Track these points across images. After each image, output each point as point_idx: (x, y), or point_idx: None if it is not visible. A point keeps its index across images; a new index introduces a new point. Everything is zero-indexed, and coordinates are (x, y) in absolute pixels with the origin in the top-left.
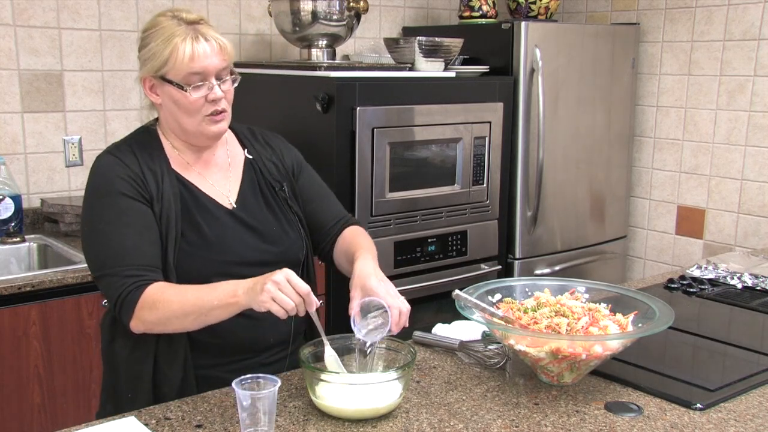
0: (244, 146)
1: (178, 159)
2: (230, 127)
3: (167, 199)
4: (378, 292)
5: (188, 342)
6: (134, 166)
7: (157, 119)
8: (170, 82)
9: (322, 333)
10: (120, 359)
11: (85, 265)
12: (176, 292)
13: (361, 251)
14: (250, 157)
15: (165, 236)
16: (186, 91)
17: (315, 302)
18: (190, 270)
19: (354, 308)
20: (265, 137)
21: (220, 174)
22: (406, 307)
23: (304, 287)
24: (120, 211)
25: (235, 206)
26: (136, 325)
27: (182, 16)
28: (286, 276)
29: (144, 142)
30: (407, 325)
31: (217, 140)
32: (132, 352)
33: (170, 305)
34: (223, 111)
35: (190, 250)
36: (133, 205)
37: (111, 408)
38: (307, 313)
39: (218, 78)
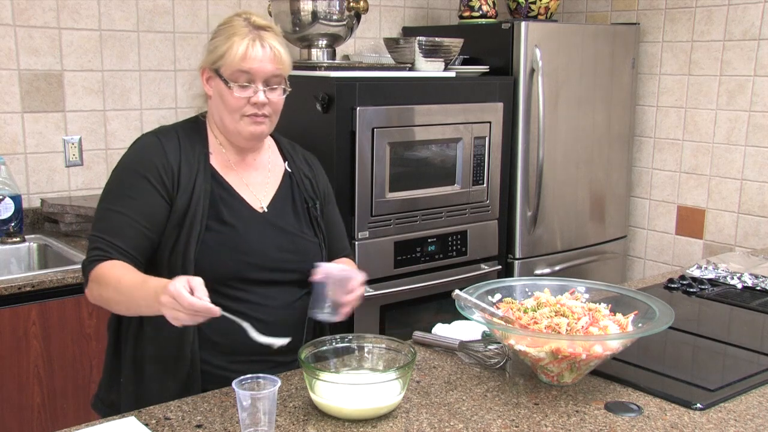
0: (284, 158)
1: (221, 155)
2: (273, 138)
3: (197, 195)
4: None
5: (198, 339)
6: (173, 154)
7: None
8: (220, 76)
9: (239, 321)
10: (126, 354)
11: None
12: (118, 274)
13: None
14: (290, 170)
15: (189, 230)
16: (231, 87)
17: (214, 311)
18: (208, 267)
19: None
20: (305, 155)
21: (258, 178)
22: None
23: (198, 303)
24: (130, 193)
25: (266, 210)
26: (89, 295)
27: (252, 19)
28: (181, 286)
29: (191, 131)
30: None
31: (255, 142)
32: (136, 346)
33: (108, 285)
34: (264, 116)
35: (214, 247)
36: (147, 192)
37: (109, 398)
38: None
39: (267, 84)
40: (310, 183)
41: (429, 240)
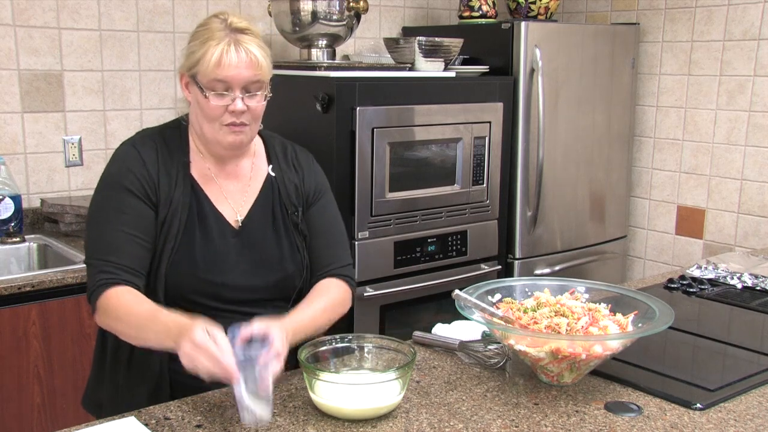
0: (270, 162)
1: (200, 163)
2: (264, 140)
3: (174, 208)
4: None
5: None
6: (151, 164)
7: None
8: (197, 83)
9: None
10: (108, 355)
11: (85, 265)
12: (127, 307)
13: (305, 302)
14: (273, 174)
15: (162, 245)
16: (207, 96)
17: (235, 377)
18: (178, 284)
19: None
20: (296, 156)
21: (238, 186)
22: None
23: (224, 363)
24: (120, 208)
25: (241, 225)
26: (98, 321)
27: (229, 21)
28: (204, 338)
29: (171, 139)
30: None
31: (234, 151)
32: (115, 351)
33: (117, 318)
34: (242, 124)
35: (186, 265)
36: (135, 205)
37: (96, 397)
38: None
39: (247, 91)
40: (294, 187)
41: (429, 240)
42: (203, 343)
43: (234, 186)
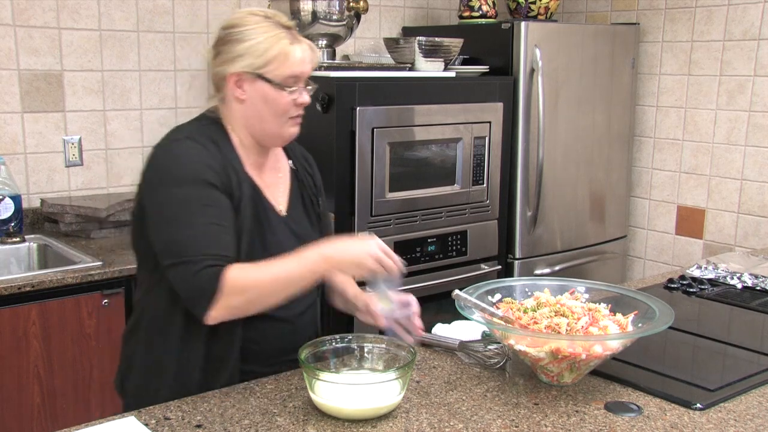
0: (288, 156)
1: (247, 158)
2: None
3: (245, 202)
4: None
5: (239, 351)
6: (217, 158)
7: (212, 111)
8: (268, 81)
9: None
10: (165, 365)
11: (84, 265)
12: (262, 271)
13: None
14: (294, 168)
15: (239, 238)
16: (285, 91)
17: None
18: None
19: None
20: (302, 151)
21: (274, 178)
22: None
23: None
24: (206, 202)
25: (285, 214)
26: (218, 314)
27: (280, 20)
28: (379, 245)
29: (219, 135)
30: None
31: (287, 143)
32: (179, 359)
33: (261, 285)
34: (300, 116)
35: (247, 250)
36: (218, 196)
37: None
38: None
39: (305, 84)
40: (311, 179)
41: (429, 240)
42: (383, 245)
43: (271, 178)
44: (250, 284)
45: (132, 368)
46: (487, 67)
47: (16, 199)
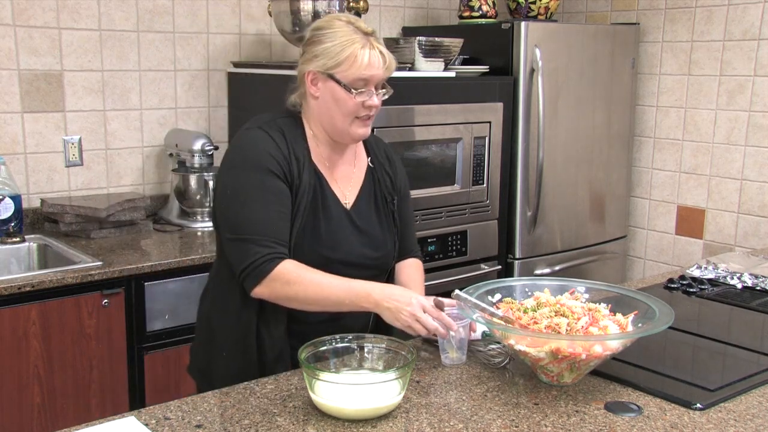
0: (368, 154)
1: (316, 149)
2: None
3: (303, 189)
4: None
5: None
6: (283, 147)
7: (294, 105)
8: (338, 81)
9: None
10: (224, 330)
11: (84, 265)
12: (312, 278)
13: (417, 281)
14: (372, 165)
15: (292, 223)
16: (352, 93)
17: (454, 328)
18: (300, 260)
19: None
20: (387, 150)
21: (345, 172)
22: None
23: (446, 318)
24: (265, 188)
25: (350, 207)
26: (262, 291)
27: (359, 26)
28: (422, 306)
29: (291, 127)
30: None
31: (357, 141)
32: (237, 326)
33: (305, 288)
34: (370, 117)
35: (305, 239)
36: (278, 185)
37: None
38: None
39: (378, 88)
40: (389, 179)
41: (429, 240)
42: (429, 308)
43: (342, 171)
44: (297, 281)
45: (201, 328)
46: (487, 67)
47: (16, 199)
